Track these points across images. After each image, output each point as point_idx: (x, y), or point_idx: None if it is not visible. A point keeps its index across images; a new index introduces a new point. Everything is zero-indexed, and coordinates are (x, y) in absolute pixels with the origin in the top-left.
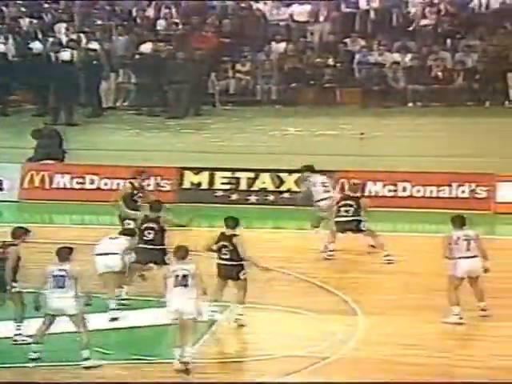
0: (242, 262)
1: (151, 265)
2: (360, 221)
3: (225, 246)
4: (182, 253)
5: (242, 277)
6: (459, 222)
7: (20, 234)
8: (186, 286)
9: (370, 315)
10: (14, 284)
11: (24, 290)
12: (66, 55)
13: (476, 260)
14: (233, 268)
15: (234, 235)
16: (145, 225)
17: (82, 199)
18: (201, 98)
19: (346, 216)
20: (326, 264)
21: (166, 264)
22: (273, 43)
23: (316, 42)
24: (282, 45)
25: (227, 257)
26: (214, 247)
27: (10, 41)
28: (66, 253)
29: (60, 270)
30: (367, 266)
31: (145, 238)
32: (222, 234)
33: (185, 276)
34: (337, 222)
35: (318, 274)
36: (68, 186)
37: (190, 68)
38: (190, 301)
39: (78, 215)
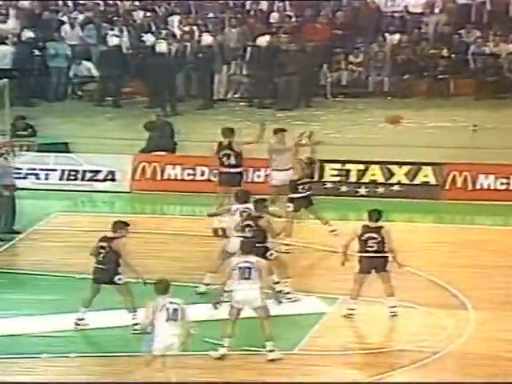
0: (387, 254)
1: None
2: None
3: (372, 238)
4: (246, 246)
5: (388, 269)
6: None
7: (121, 227)
8: (248, 278)
9: (480, 310)
10: (118, 276)
11: (132, 280)
12: (162, 47)
13: None
14: (380, 259)
15: (381, 227)
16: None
17: (192, 190)
18: (312, 90)
19: None
20: (435, 257)
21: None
22: (386, 34)
23: (431, 33)
24: (396, 36)
25: (374, 248)
26: (358, 240)
27: (125, 33)
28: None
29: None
30: (474, 260)
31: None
32: (367, 226)
33: (248, 268)
34: None
35: (427, 267)
36: (179, 177)
37: (302, 60)
38: (252, 292)
39: (188, 206)
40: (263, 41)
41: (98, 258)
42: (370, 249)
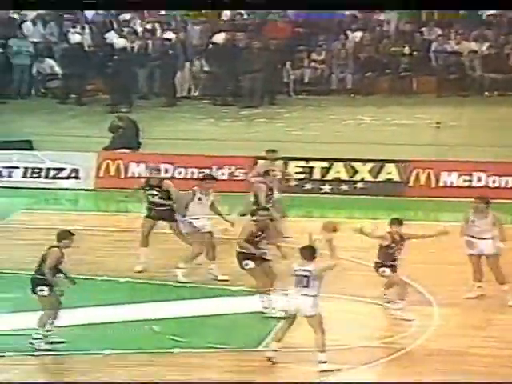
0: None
1: None
2: None
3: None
4: (306, 252)
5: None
6: None
7: (64, 236)
8: (306, 286)
9: (444, 306)
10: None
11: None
12: (120, 42)
13: None
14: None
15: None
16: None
17: None
18: (275, 88)
19: None
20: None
21: None
22: (349, 32)
23: (392, 31)
24: (358, 34)
25: (397, 257)
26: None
27: (87, 31)
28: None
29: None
30: (438, 256)
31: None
32: (390, 233)
33: (305, 277)
34: None
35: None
36: (143, 174)
37: (265, 57)
38: (306, 300)
39: None
40: (219, 38)
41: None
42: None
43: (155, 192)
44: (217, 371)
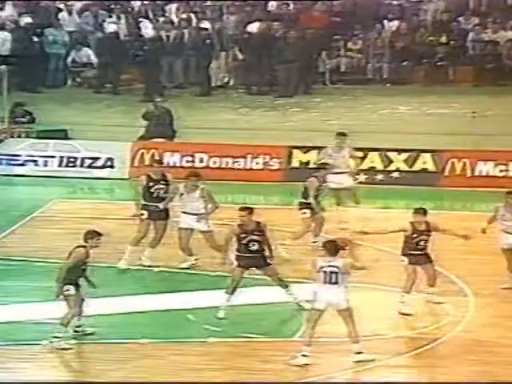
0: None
1: None
2: None
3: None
4: (330, 248)
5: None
6: None
7: (91, 236)
8: (335, 283)
9: (479, 296)
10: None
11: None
12: (151, 32)
13: None
14: (424, 255)
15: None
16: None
17: None
18: (311, 77)
19: None
20: (434, 244)
21: None
22: (385, 21)
23: (429, 20)
24: (395, 23)
25: (423, 246)
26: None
27: (122, 21)
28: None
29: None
30: (473, 246)
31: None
32: (412, 223)
33: (334, 273)
34: None
35: None
36: (177, 164)
37: (301, 47)
38: (337, 295)
39: None
40: (254, 27)
41: None
42: (420, 246)
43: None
44: (251, 360)
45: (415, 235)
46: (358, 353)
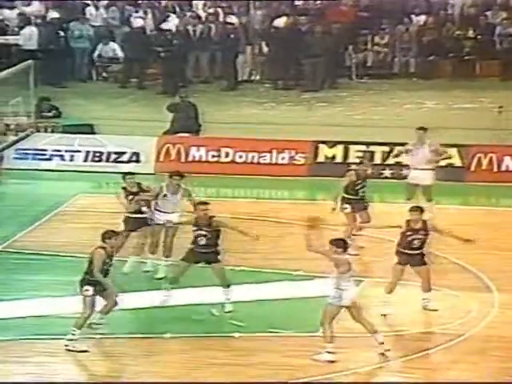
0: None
1: None
2: None
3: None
4: (340, 245)
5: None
6: None
7: (109, 236)
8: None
9: (504, 292)
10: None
11: None
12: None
13: None
14: (418, 256)
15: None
16: None
17: (216, 172)
18: (337, 71)
19: None
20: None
21: None
22: (412, 16)
23: (456, 14)
24: (422, 17)
25: (417, 246)
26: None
27: (149, 15)
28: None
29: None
30: (499, 242)
31: None
32: (408, 221)
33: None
34: None
35: (452, 250)
36: (203, 158)
37: (327, 41)
38: (355, 289)
39: (212, 188)
40: (280, 22)
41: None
42: (415, 246)
43: None
44: (277, 355)
45: (409, 233)
46: (382, 343)
